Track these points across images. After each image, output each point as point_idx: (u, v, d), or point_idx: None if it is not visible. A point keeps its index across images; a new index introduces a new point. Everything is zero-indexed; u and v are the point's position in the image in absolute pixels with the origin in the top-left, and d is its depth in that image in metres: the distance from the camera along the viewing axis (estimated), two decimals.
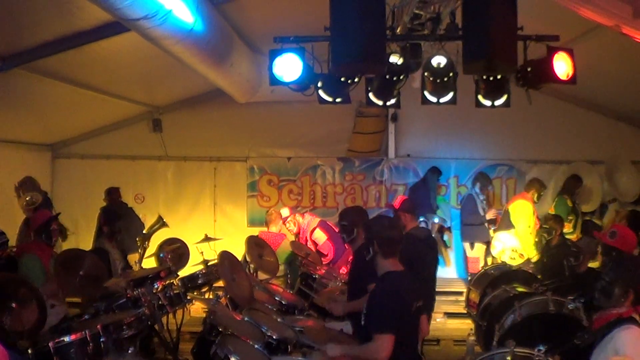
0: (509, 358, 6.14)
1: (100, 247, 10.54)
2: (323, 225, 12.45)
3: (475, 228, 13.40)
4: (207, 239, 11.52)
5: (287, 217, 12.71)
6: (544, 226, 12.02)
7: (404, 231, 9.16)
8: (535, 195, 12.75)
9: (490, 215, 13.32)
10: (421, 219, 11.79)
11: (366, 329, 6.11)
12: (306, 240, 12.25)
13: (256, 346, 6.71)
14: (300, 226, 12.54)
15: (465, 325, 11.96)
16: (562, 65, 8.34)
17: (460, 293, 13.27)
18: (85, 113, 13.68)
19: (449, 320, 12.79)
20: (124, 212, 12.30)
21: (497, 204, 14.72)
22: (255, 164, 15.20)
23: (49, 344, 6.61)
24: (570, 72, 8.38)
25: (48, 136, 14.84)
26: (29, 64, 9.87)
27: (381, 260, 6.20)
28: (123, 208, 12.58)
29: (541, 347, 6.40)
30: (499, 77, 8.80)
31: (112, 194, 12.95)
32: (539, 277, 11.33)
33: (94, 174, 15.13)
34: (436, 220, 13.02)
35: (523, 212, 12.33)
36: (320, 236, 12.22)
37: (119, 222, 11.21)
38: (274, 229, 12.57)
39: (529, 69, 8.56)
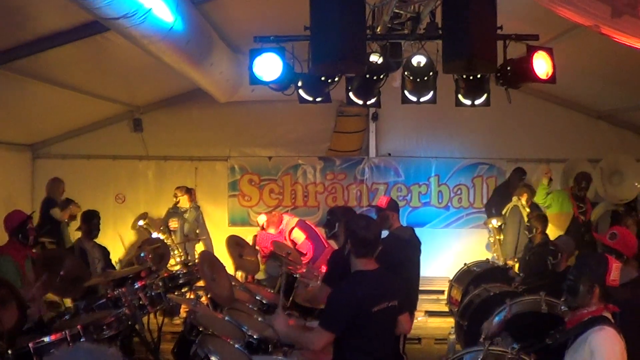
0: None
1: (79, 246, 10.49)
2: (301, 225, 12.48)
3: None
4: (187, 239, 11.51)
5: (263, 225, 12.80)
6: (526, 224, 12.11)
7: (389, 230, 9.25)
8: (525, 198, 12.88)
9: None
10: None
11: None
12: (285, 240, 12.26)
13: (237, 346, 6.72)
14: (280, 230, 12.59)
15: (446, 324, 12.03)
16: (542, 65, 8.37)
17: (441, 292, 13.33)
18: (65, 113, 13.62)
19: (430, 318, 12.86)
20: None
21: (478, 203, 14.81)
22: (236, 164, 15.18)
23: (29, 345, 6.59)
24: (550, 72, 8.41)
25: (28, 136, 14.77)
26: (8, 64, 9.81)
27: (353, 259, 6.23)
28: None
29: (515, 346, 6.44)
30: (478, 76, 8.82)
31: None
32: (521, 274, 11.40)
33: (74, 174, 15.01)
34: None
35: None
36: (298, 235, 12.25)
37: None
38: (272, 231, 12.59)
39: (508, 68, 8.59)
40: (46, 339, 6.75)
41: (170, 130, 15.03)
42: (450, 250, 14.47)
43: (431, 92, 9.05)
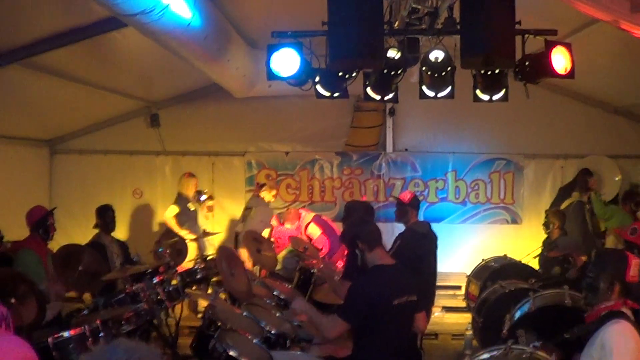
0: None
1: (97, 241, 10.52)
2: (317, 220, 12.48)
3: None
4: (205, 234, 11.51)
5: (302, 216, 12.79)
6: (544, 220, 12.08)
7: (406, 225, 9.28)
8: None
9: None
10: None
11: None
12: (302, 235, 12.26)
13: (255, 341, 6.73)
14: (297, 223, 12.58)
15: (463, 320, 11.99)
16: (561, 60, 8.34)
17: (458, 287, 13.31)
18: (82, 108, 13.66)
19: (447, 314, 12.83)
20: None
21: (495, 199, 14.77)
22: (253, 159, 15.16)
23: (48, 340, 6.62)
24: (569, 67, 8.38)
25: (46, 132, 14.82)
26: (26, 60, 9.85)
27: (369, 255, 6.26)
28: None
29: (536, 344, 6.43)
30: (496, 71, 8.81)
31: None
32: (539, 270, 11.39)
33: (92, 169, 15.13)
34: None
35: None
36: (314, 231, 12.25)
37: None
38: (288, 226, 12.59)
39: (527, 63, 8.58)
40: (65, 334, 6.78)
41: (187, 125, 15.01)
42: (467, 245, 14.42)
43: (449, 88, 9.03)
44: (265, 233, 12.51)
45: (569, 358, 6.22)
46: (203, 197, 13.36)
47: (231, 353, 6.16)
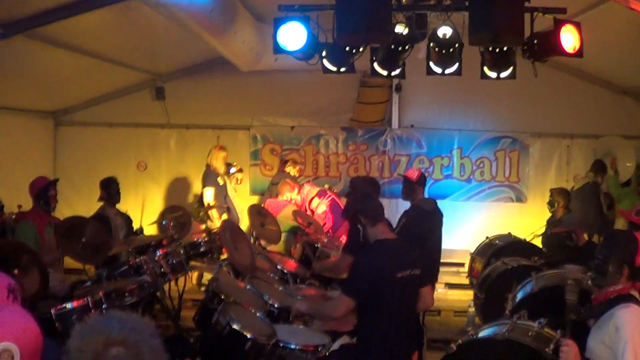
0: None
1: (101, 213, 10.51)
2: (322, 195, 12.44)
3: None
4: (209, 207, 11.51)
5: (297, 186, 12.68)
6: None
7: (412, 202, 9.28)
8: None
9: None
10: None
11: None
12: (305, 210, 12.23)
13: (258, 314, 6.74)
14: (296, 203, 12.51)
15: (466, 297, 12.00)
16: (569, 38, 8.31)
17: (461, 264, 13.31)
18: (87, 80, 13.62)
19: (450, 291, 12.84)
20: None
21: (501, 177, 14.75)
22: (258, 133, 15.15)
23: (51, 311, 6.62)
24: (577, 45, 8.35)
25: (50, 104, 14.81)
26: (31, 31, 9.80)
27: (371, 230, 6.25)
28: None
29: (542, 321, 6.41)
30: (505, 49, 8.77)
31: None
32: (543, 249, 11.38)
33: (96, 141, 15.12)
34: None
35: None
36: (319, 206, 12.21)
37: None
38: (281, 197, 12.53)
39: (535, 41, 8.54)
40: (68, 306, 6.78)
41: (192, 98, 14.97)
42: (472, 223, 14.43)
43: (456, 64, 9.00)
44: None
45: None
46: (232, 170, 13.30)
47: (234, 326, 6.16)
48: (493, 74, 9.14)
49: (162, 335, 2.28)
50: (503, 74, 9.11)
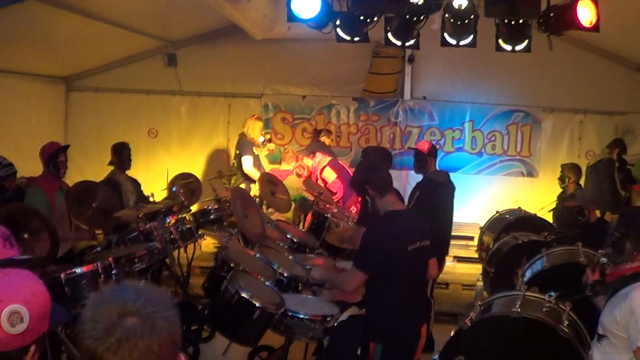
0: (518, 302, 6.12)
1: (112, 178, 10.50)
2: (333, 164, 12.40)
3: None
4: (220, 175, 11.49)
5: (297, 156, 12.65)
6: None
7: (424, 174, 9.26)
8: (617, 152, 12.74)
9: None
10: None
11: None
12: (317, 179, 12.20)
13: (267, 283, 6.74)
14: (309, 169, 12.47)
15: (475, 270, 12.01)
16: (586, 12, 8.23)
17: (471, 238, 13.30)
18: (99, 46, 13.57)
19: (459, 264, 12.82)
20: None
21: (512, 151, 14.69)
22: (270, 102, 15.09)
23: (60, 275, 6.63)
24: (594, 20, 8.28)
25: (62, 69, 14.76)
26: None
27: (380, 201, 6.21)
28: None
29: (552, 294, 6.40)
30: (520, 21, 8.70)
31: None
32: (554, 224, 11.36)
33: (107, 107, 15.09)
34: None
35: None
36: (329, 175, 12.17)
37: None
38: (285, 167, 12.48)
39: (551, 14, 8.47)
40: (78, 270, 6.81)
41: (204, 66, 14.91)
42: (482, 196, 14.39)
43: (471, 36, 8.95)
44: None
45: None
46: (261, 139, 13.23)
47: (243, 295, 6.17)
48: (508, 47, 9.08)
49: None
50: (518, 47, 9.05)
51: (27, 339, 2.65)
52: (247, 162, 12.33)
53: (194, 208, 10.58)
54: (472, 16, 8.61)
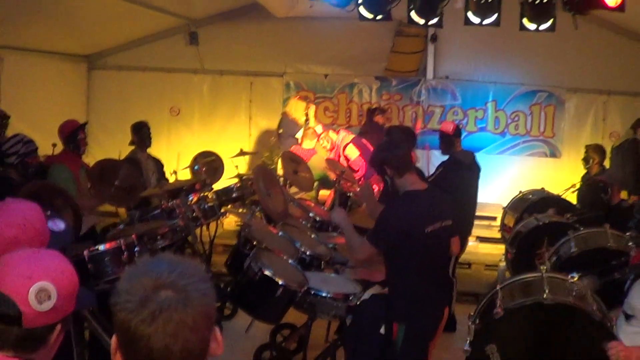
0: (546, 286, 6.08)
1: (133, 157, 10.50)
2: (356, 142, 12.32)
3: None
4: (242, 153, 11.49)
5: (320, 134, 12.53)
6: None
7: (450, 154, 9.22)
8: None
9: None
10: None
11: None
12: (339, 157, 12.15)
13: (290, 261, 6.73)
14: (333, 143, 12.40)
15: (497, 251, 12.01)
16: None
17: (493, 218, 13.26)
18: (121, 24, 13.59)
19: (481, 244, 12.80)
20: None
21: (535, 131, 14.61)
22: (292, 80, 15.07)
23: (84, 253, 6.64)
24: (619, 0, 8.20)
25: (84, 47, 14.79)
26: None
27: (399, 181, 6.15)
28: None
29: (574, 274, 6.35)
30: (545, 0, 8.63)
31: None
32: (577, 206, 11.30)
33: (129, 86, 15.13)
34: None
35: None
36: (352, 152, 12.09)
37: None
38: (306, 145, 12.42)
39: None
40: (101, 247, 6.81)
41: (226, 44, 14.91)
42: (504, 177, 14.33)
43: (495, 15, 8.90)
44: None
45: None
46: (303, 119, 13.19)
47: (266, 272, 6.16)
48: (532, 26, 9.03)
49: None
50: (542, 26, 9.00)
51: (54, 318, 2.65)
52: (287, 143, 12.31)
53: (216, 186, 10.56)
54: None
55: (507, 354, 5.83)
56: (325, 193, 11.70)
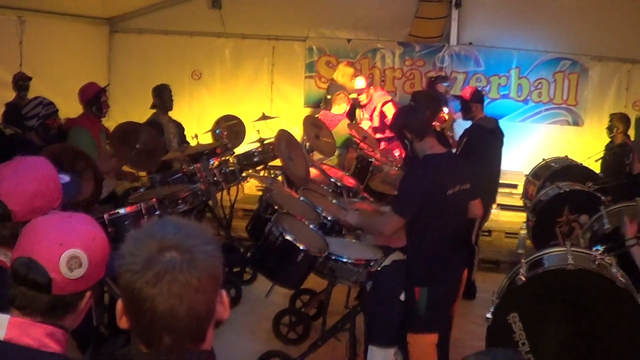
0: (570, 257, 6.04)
1: (154, 120, 10.49)
2: (395, 103, 12.23)
3: None
4: (264, 117, 11.46)
5: (362, 89, 12.31)
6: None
7: (472, 121, 9.19)
8: None
9: None
10: None
11: None
12: (373, 110, 11.99)
13: (311, 226, 6.71)
14: (372, 98, 12.25)
15: (518, 218, 11.98)
16: None
17: (514, 186, 13.22)
18: None
19: (502, 212, 12.75)
20: None
21: (558, 99, 14.49)
22: (314, 45, 14.98)
23: (104, 216, 6.66)
24: None
25: (106, 10, 14.74)
26: None
27: (418, 144, 6.14)
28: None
29: (598, 247, 6.31)
30: None
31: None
32: (600, 174, 11.24)
33: (151, 49, 15.09)
34: None
35: None
36: (390, 110, 11.94)
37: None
38: (336, 110, 12.32)
39: None
40: (121, 211, 6.84)
41: (249, 8, 14.79)
42: (526, 144, 14.23)
43: None
44: None
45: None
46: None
47: (287, 237, 6.15)
48: None
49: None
50: None
51: (84, 285, 2.65)
52: (340, 108, 12.22)
53: (237, 150, 10.54)
54: None
55: (530, 322, 5.82)
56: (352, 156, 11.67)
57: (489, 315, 6.01)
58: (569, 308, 5.76)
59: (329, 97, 12.50)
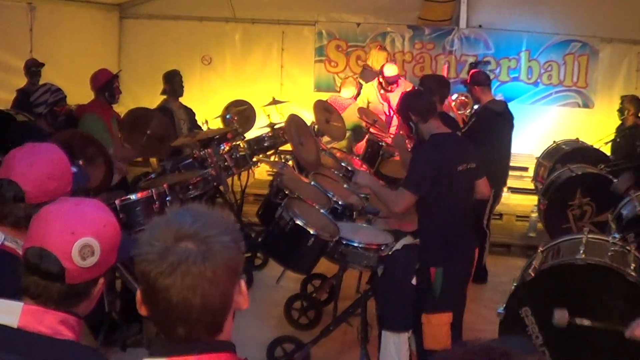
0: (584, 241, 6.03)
1: (165, 106, 10.49)
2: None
3: None
4: (274, 101, 11.46)
5: (393, 77, 12.08)
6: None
7: (480, 104, 9.19)
8: None
9: None
10: None
11: None
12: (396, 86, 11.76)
13: (322, 211, 6.71)
14: (400, 76, 12.12)
15: (529, 202, 11.99)
16: None
17: (525, 168, 13.20)
18: None
19: (513, 195, 12.74)
20: None
21: (568, 81, 14.45)
22: (324, 29, 14.96)
23: (115, 202, 6.67)
24: None
25: None
26: None
27: (423, 126, 6.18)
28: None
29: (616, 235, 6.31)
30: None
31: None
32: (611, 157, 11.23)
33: (161, 34, 15.11)
34: None
35: None
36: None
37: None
38: (345, 94, 12.27)
39: None
40: (132, 197, 6.84)
41: None
42: (536, 127, 14.20)
43: None
44: None
45: None
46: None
47: (298, 222, 6.13)
48: None
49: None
50: None
51: (97, 272, 2.65)
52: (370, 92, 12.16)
53: (247, 135, 10.55)
54: None
55: (542, 316, 5.82)
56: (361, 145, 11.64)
57: (500, 310, 6.02)
58: (578, 303, 5.75)
59: (362, 83, 12.39)
